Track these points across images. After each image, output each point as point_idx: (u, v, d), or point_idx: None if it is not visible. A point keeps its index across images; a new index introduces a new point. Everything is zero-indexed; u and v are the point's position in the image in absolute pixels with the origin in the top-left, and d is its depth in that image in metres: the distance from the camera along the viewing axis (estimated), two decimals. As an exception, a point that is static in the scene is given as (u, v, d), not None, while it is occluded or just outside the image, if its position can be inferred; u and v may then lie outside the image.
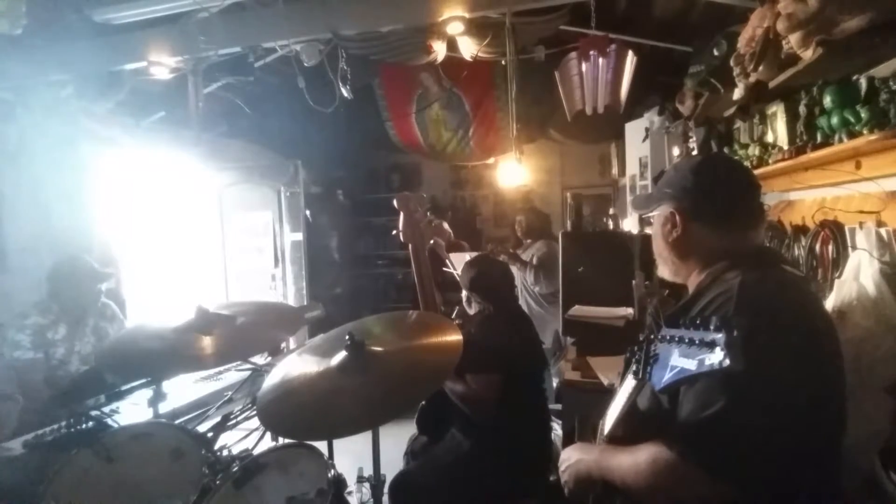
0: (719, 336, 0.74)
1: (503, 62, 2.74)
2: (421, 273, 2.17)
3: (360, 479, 1.94)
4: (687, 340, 0.79)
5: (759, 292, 0.90)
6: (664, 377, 0.81)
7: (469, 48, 2.65)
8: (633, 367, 0.91)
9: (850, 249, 1.47)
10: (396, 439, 2.42)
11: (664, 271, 1.15)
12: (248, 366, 2.03)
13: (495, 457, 1.87)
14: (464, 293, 2.22)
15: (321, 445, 1.54)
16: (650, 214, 1.16)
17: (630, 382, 0.93)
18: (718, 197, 1.04)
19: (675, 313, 0.99)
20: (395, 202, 2.18)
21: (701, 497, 0.84)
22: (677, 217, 1.06)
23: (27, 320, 2.30)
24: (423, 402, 2.18)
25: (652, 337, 0.88)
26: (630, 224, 3.16)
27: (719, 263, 1.00)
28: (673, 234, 1.07)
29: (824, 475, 0.89)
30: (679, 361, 0.79)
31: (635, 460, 0.91)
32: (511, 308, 2.16)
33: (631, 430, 0.97)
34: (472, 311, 2.19)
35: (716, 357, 0.73)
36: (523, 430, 1.91)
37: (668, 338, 0.82)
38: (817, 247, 1.64)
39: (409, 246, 2.18)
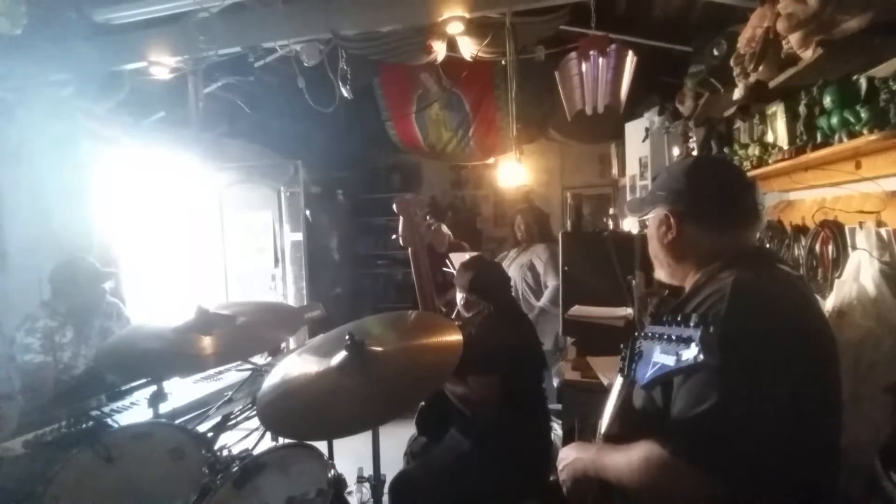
0: (696, 332, 0.76)
1: (503, 62, 2.74)
2: (420, 275, 2.17)
3: (360, 479, 1.94)
4: (667, 337, 0.81)
5: (753, 291, 0.90)
6: (647, 373, 0.83)
7: (469, 48, 2.65)
8: (620, 365, 0.92)
9: (850, 249, 1.47)
10: (396, 439, 2.42)
11: (661, 273, 1.15)
12: (248, 366, 2.04)
13: (495, 457, 1.87)
14: (459, 295, 2.15)
15: (321, 445, 1.54)
16: (645, 217, 1.16)
17: (619, 380, 0.95)
18: (711, 198, 1.04)
19: (664, 311, 1.00)
20: (394, 205, 2.18)
21: (694, 494, 0.83)
22: (671, 219, 1.06)
23: (37, 323, 2.27)
24: (423, 403, 2.18)
25: (637, 335, 0.89)
26: (630, 224, 3.15)
27: (714, 264, 1.00)
28: (668, 237, 1.07)
29: (819, 474, 0.89)
30: (660, 358, 0.81)
31: (629, 459, 0.91)
32: (510, 308, 2.15)
33: (626, 428, 0.97)
34: (467, 314, 2.14)
35: (691, 352, 0.75)
36: (523, 430, 1.91)
37: (650, 335, 0.84)
38: (817, 247, 1.64)
39: (409, 248, 2.18)
